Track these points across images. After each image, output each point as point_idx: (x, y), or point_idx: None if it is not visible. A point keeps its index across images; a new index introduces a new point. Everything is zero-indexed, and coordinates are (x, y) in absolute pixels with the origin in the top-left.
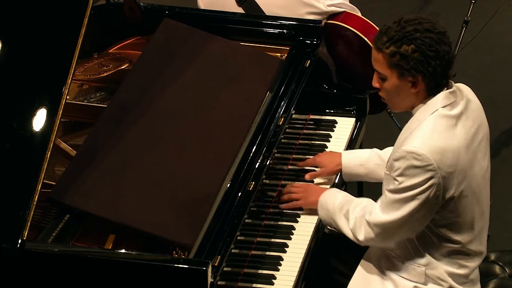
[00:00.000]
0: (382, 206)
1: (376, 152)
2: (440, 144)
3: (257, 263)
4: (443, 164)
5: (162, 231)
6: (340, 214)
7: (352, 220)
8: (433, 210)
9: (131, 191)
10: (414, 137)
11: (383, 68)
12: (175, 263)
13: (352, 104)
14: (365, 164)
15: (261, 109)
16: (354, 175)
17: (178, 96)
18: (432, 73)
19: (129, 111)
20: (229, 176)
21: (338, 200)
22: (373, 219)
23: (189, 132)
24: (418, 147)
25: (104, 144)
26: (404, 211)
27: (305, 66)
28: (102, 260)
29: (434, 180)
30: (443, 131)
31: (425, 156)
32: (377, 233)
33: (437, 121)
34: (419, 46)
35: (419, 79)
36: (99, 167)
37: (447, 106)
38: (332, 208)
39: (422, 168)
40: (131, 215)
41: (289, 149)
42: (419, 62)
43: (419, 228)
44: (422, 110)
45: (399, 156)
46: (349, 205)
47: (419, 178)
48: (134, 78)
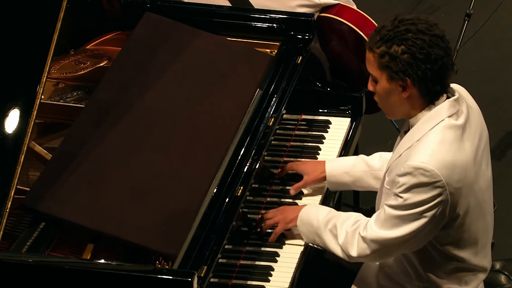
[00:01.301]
0: (381, 222)
1: (362, 159)
2: (449, 159)
3: (246, 273)
4: (451, 180)
5: (144, 240)
6: (325, 229)
7: (342, 235)
8: (438, 227)
9: (111, 197)
10: (420, 150)
11: (374, 70)
12: (158, 274)
13: (347, 103)
14: (351, 171)
15: (249, 109)
16: (340, 183)
17: (161, 95)
18: (422, 78)
19: (109, 111)
20: (215, 180)
21: (322, 214)
22: (370, 235)
23: (173, 134)
24: (425, 162)
25: (82, 147)
26: (408, 229)
27: (296, 63)
28: (80, 271)
29: (442, 197)
30: (451, 144)
31: (434, 172)
32: (374, 249)
33: (444, 132)
34: (409, 47)
35: (408, 83)
36: (76, 171)
37: (453, 115)
38: (317, 223)
39: (431, 185)
40: (111, 223)
41: (280, 152)
42: (408, 64)
43: (419, 245)
44: (426, 121)
45: (405, 172)
46: (335, 220)
47: (426, 195)
48: (113, 76)
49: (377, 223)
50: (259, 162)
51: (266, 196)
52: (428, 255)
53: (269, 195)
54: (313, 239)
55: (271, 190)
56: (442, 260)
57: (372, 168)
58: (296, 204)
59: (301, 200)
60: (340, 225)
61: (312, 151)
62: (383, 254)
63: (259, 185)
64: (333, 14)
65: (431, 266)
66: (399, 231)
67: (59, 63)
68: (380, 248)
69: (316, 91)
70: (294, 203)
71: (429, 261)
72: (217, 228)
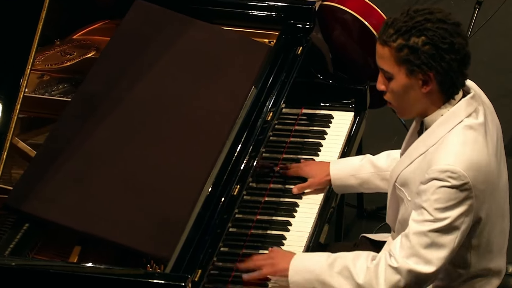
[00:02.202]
0: (408, 247)
1: (368, 159)
2: (474, 159)
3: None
4: (477, 182)
5: (135, 242)
6: (331, 273)
7: (361, 273)
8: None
9: (99, 197)
10: (443, 153)
11: (390, 65)
12: (149, 278)
13: (351, 96)
14: (357, 173)
15: (246, 103)
16: (346, 186)
17: (153, 89)
18: (446, 70)
19: (97, 105)
20: (210, 179)
21: (321, 258)
22: (404, 265)
23: (166, 129)
24: (452, 164)
25: (69, 144)
26: (445, 251)
27: (296, 54)
28: (66, 275)
29: (471, 201)
30: (474, 144)
31: (462, 173)
32: (408, 282)
33: (465, 133)
34: (431, 38)
35: (431, 77)
36: (63, 169)
37: (472, 114)
38: (319, 267)
39: (459, 188)
40: (100, 224)
41: (279, 148)
42: (431, 56)
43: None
44: (442, 123)
45: (430, 178)
46: (343, 260)
47: (454, 200)
48: (102, 68)
49: (405, 250)
50: (256, 159)
51: (264, 195)
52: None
53: (267, 194)
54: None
55: (270, 189)
56: (455, 266)
57: (380, 169)
58: (296, 204)
59: (302, 200)
60: (352, 264)
61: (313, 147)
62: (419, 286)
63: (257, 184)
64: (336, 2)
65: (443, 273)
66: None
67: (44, 54)
68: (417, 281)
69: (318, 83)
70: (294, 203)
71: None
72: (212, 229)
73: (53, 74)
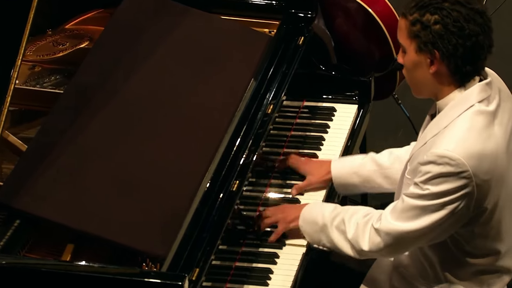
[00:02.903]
0: (397, 213)
1: (371, 157)
2: (478, 148)
3: (242, 277)
4: (479, 171)
5: (130, 240)
6: (331, 226)
7: (352, 228)
8: (460, 222)
9: (93, 193)
10: (446, 137)
11: (403, 38)
12: (145, 277)
13: (354, 88)
14: (359, 171)
15: (246, 95)
16: (348, 185)
17: (148, 80)
18: (451, 53)
19: (90, 98)
20: (208, 174)
21: (327, 211)
22: (385, 226)
23: (162, 123)
24: (451, 150)
25: (61, 137)
26: (427, 221)
27: (298, 44)
28: (59, 274)
29: (468, 190)
30: (480, 131)
31: (460, 161)
32: (388, 243)
33: (473, 119)
34: (443, 17)
35: (437, 57)
36: (55, 164)
37: (484, 100)
38: (322, 220)
39: (456, 175)
40: (93, 221)
41: (279, 142)
42: (440, 36)
43: (437, 239)
44: (454, 106)
45: (428, 160)
46: (343, 215)
47: (450, 186)
48: (95, 58)
49: (393, 214)
50: (256, 154)
51: (264, 191)
52: (451, 255)
53: (267, 190)
54: (318, 239)
55: (270, 184)
56: (465, 260)
57: (382, 167)
58: (298, 201)
59: (303, 196)
60: (348, 219)
61: (315, 141)
62: (397, 248)
63: (257, 179)
64: None
65: (452, 267)
66: (416, 224)
67: (35, 44)
68: (395, 241)
69: (320, 75)
70: (295, 200)
71: (451, 262)
72: (211, 226)
73: (45, 65)
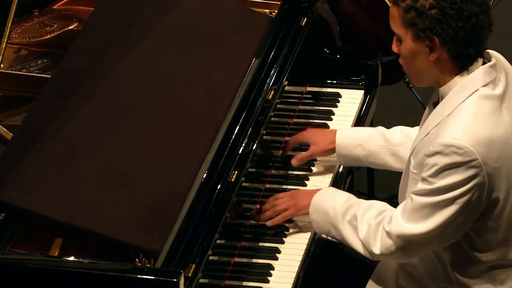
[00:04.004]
0: (407, 213)
1: (380, 131)
2: (486, 134)
3: (241, 273)
4: (489, 159)
5: (122, 234)
6: (343, 220)
7: (364, 228)
8: (474, 216)
9: (83, 185)
10: (451, 126)
11: (398, 27)
12: (138, 274)
13: (360, 72)
14: (365, 144)
15: (245, 80)
16: (351, 157)
17: (142, 64)
18: (452, 38)
19: (80, 83)
20: (205, 164)
21: (339, 201)
22: (396, 229)
23: (156, 110)
24: (459, 139)
25: (49, 125)
26: (438, 220)
27: (300, 26)
28: (47, 270)
29: (478, 179)
30: (487, 117)
31: (469, 149)
32: (400, 246)
33: (479, 104)
34: (439, 1)
35: (437, 43)
36: (42, 154)
37: (489, 84)
38: (333, 211)
39: (465, 165)
40: (83, 214)
41: (281, 130)
42: (437, 21)
43: (452, 240)
44: (458, 91)
45: (434, 151)
46: (355, 209)
47: (459, 177)
48: (85, 41)
49: (404, 215)
50: (256, 142)
51: (265, 182)
52: (462, 252)
53: (268, 180)
54: (328, 230)
55: (271, 175)
56: (476, 257)
57: (391, 143)
58: (304, 184)
59: (306, 187)
60: (361, 216)
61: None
62: (410, 251)
63: (257, 169)
64: None
65: (463, 265)
66: (428, 224)
67: (21, 26)
68: (407, 244)
69: (324, 58)
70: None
71: (462, 260)
72: (208, 219)
73: (32, 48)
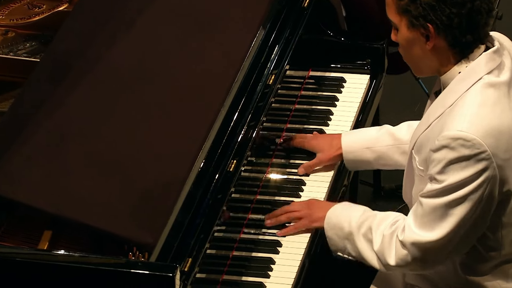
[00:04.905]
0: (419, 219)
1: (387, 130)
2: (493, 124)
3: (240, 267)
4: (498, 150)
5: (115, 226)
6: (358, 234)
7: (378, 239)
8: (488, 214)
9: (73, 174)
10: (456, 117)
11: (393, 14)
12: (132, 268)
13: (366, 56)
14: (373, 146)
15: (244, 64)
16: (360, 161)
17: (135, 47)
18: (447, 25)
19: (70, 67)
20: (202, 152)
21: (355, 215)
22: (409, 237)
23: (151, 96)
24: (465, 131)
25: (37, 112)
26: (452, 221)
27: (303, 6)
28: (35, 264)
29: (489, 173)
30: (494, 106)
31: (477, 141)
32: (416, 256)
33: (484, 92)
34: None
35: (431, 31)
36: (30, 142)
37: (494, 70)
38: (348, 226)
39: (473, 158)
40: (74, 206)
41: (282, 117)
42: (430, 7)
43: (471, 242)
44: (460, 80)
45: (440, 145)
46: (371, 221)
47: (469, 172)
48: (75, 23)
49: (416, 221)
50: (256, 130)
51: (265, 172)
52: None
53: (269, 170)
54: (343, 247)
55: (272, 164)
56: (489, 254)
57: (400, 141)
58: (303, 183)
59: (309, 177)
60: (376, 227)
61: (322, 115)
62: (427, 260)
63: (257, 158)
64: None
65: (474, 263)
66: (442, 228)
67: (8, 7)
68: (423, 253)
69: (327, 41)
70: (300, 181)
71: (473, 257)
72: (205, 211)
73: (19, 30)
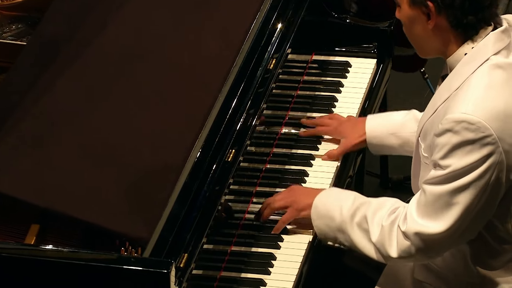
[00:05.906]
0: (422, 208)
1: (414, 116)
2: (500, 107)
3: (239, 263)
4: (505, 134)
5: (106, 220)
6: (351, 223)
7: (376, 230)
8: (495, 201)
9: (62, 165)
10: (461, 99)
11: None
12: (124, 264)
13: (372, 39)
14: (398, 132)
15: (243, 47)
16: (384, 146)
17: (127, 30)
18: (448, 4)
19: (59, 51)
20: (199, 141)
21: (345, 203)
22: (412, 227)
23: (144, 81)
24: (470, 113)
25: (24, 99)
26: (457, 210)
27: None
28: (22, 260)
29: (495, 158)
30: (501, 88)
31: (482, 124)
32: (419, 247)
33: (491, 74)
34: None
35: (432, 10)
36: (16, 130)
37: (502, 51)
38: (339, 215)
39: (478, 142)
40: (63, 198)
41: (283, 104)
42: None
43: (474, 232)
44: (466, 62)
45: (444, 129)
46: (365, 209)
47: (474, 157)
48: (64, 4)
49: (418, 210)
50: (256, 117)
51: (265, 162)
52: (484, 242)
53: (269, 160)
54: (334, 237)
55: (272, 153)
56: (500, 247)
57: None
58: (305, 173)
59: (312, 167)
60: (371, 216)
61: (325, 102)
62: (431, 251)
63: (256, 148)
64: None
65: (485, 256)
66: (447, 218)
67: None
68: (427, 244)
69: (332, 23)
70: (302, 171)
71: (484, 250)
72: (202, 204)
73: (4, 11)
